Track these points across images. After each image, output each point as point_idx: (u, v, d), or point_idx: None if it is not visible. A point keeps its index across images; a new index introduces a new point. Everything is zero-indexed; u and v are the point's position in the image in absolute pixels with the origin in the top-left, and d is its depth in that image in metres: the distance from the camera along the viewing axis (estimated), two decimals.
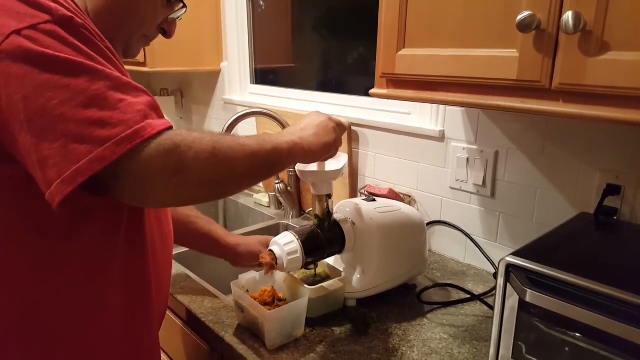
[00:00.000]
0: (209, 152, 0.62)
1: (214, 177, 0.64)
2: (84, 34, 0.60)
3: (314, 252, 0.93)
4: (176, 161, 0.59)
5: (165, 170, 0.59)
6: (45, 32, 0.56)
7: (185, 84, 2.28)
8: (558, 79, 0.69)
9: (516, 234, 1.16)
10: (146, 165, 0.57)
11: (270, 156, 0.71)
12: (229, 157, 0.65)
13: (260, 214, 1.72)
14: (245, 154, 0.67)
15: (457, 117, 1.22)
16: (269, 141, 0.72)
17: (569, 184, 1.05)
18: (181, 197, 0.64)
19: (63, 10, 0.58)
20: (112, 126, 0.56)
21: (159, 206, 0.80)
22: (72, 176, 0.55)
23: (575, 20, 0.64)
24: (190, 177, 0.61)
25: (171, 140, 0.59)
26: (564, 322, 0.67)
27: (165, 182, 0.60)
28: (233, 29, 1.94)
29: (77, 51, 0.58)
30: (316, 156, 0.81)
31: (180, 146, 0.59)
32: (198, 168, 0.61)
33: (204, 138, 0.63)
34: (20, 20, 0.56)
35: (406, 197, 1.35)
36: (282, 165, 0.76)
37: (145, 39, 0.81)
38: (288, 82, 1.88)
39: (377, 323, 0.98)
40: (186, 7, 0.81)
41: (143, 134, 0.57)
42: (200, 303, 1.05)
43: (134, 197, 0.61)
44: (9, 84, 0.55)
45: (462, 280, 1.17)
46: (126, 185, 0.58)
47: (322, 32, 1.78)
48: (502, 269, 0.73)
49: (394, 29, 0.90)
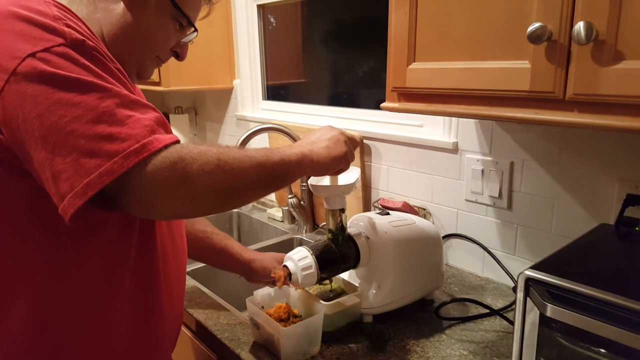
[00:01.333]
0: (214, 163, 0.63)
1: (219, 188, 0.65)
2: (95, 56, 0.62)
3: (329, 267, 0.93)
4: (181, 173, 0.61)
5: (171, 182, 0.60)
6: (59, 54, 0.59)
7: (198, 102, 2.31)
8: (572, 89, 0.68)
9: (535, 246, 1.14)
10: (152, 177, 0.59)
11: (277, 167, 0.72)
12: (234, 169, 0.66)
13: (274, 229, 1.72)
14: (252, 165, 0.68)
15: (471, 128, 1.22)
16: (277, 153, 0.73)
17: (588, 194, 1.03)
18: (187, 209, 0.65)
19: (75, 34, 0.61)
20: (120, 141, 0.58)
21: (167, 218, 0.80)
22: (83, 189, 0.57)
23: (587, 30, 0.63)
24: (195, 188, 0.62)
25: (177, 153, 0.61)
26: (586, 337, 0.65)
27: (171, 193, 0.61)
28: (244, 46, 1.96)
29: (88, 71, 0.60)
30: (326, 169, 0.81)
31: (185, 158, 0.61)
32: (203, 179, 0.62)
33: (210, 150, 0.64)
34: (35, 44, 0.59)
35: (421, 210, 1.34)
36: (290, 177, 0.76)
37: (158, 61, 0.83)
38: (299, 98, 1.90)
39: (394, 339, 0.96)
40: (197, 31, 0.83)
41: (150, 148, 0.59)
42: (216, 319, 1.05)
43: (141, 208, 0.63)
44: (25, 104, 0.58)
45: (480, 295, 1.15)
46: (134, 197, 0.60)
47: (332, 46, 1.80)
48: (522, 283, 0.71)
49: (403, 43, 0.90)
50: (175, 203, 0.62)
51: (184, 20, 0.79)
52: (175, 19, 0.78)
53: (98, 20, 0.73)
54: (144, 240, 0.76)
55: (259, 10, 1.92)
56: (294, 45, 1.97)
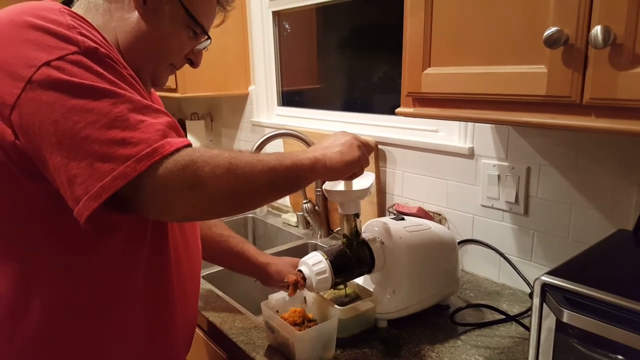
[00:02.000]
0: (225, 167, 0.65)
1: (230, 191, 0.66)
2: (108, 63, 0.64)
3: (343, 272, 0.93)
4: (192, 176, 0.62)
5: (182, 185, 0.62)
6: (73, 62, 0.61)
7: (214, 108, 2.34)
8: (589, 93, 0.68)
9: (552, 252, 1.13)
10: (164, 180, 0.61)
11: (289, 171, 0.73)
12: (245, 172, 0.67)
13: (289, 234, 1.73)
14: (263, 168, 0.69)
15: (487, 133, 1.21)
16: (289, 157, 0.74)
17: (605, 199, 1.02)
18: (199, 211, 0.67)
19: (89, 42, 0.63)
20: (132, 145, 0.60)
21: (179, 220, 0.82)
22: (97, 193, 0.59)
23: (605, 34, 0.63)
24: (207, 191, 0.63)
25: (188, 156, 0.62)
26: (603, 343, 0.64)
27: (183, 196, 0.62)
28: (260, 53, 1.98)
29: (101, 78, 0.62)
30: (339, 173, 0.82)
31: (196, 162, 0.62)
32: (214, 182, 0.64)
33: (221, 154, 0.65)
34: (50, 53, 0.60)
35: (436, 216, 1.33)
36: (303, 181, 0.77)
37: (172, 68, 0.84)
38: (314, 103, 1.91)
39: (409, 344, 0.96)
40: (211, 39, 0.84)
41: (161, 151, 0.61)
42: (231, 323, 1.05)
43: (154, 211, 0.65)
44: (41, 111, 0.59)
45: (496, 301, 1.14)
46: (147, 199, 0.62)
47: (347, 52, 1.80)
48: (538, 289, 0.70)
49: (418, 48, 0.91)
50: (187, 205, 0.64)
51: (198, 28, 0.80)
52: (189, 27, 0.79)
53: (113, 28, 0.75)
54: (156, 243, 0.77)
55: (274, 16, 1.94)
56: (308, 51, 1.98)
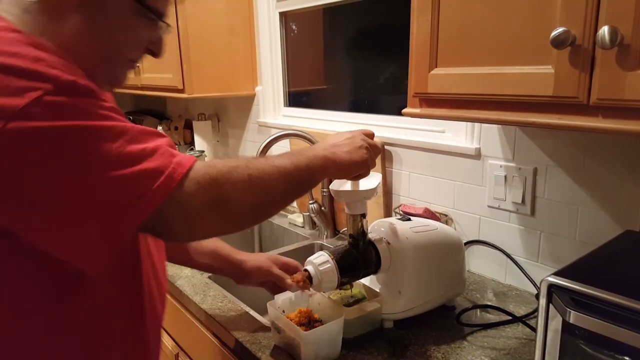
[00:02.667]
0: (246, 180, 0.64)
1: (254, 203, 0.66)
2: (90, 93, 0.58)
3: (349, 272, 0.93)
4: (216, 194, 0.62)
5: (208, 205, 0.61)
6: (49, 104, 0.53)
7: (221, 109, 2.35)
8: (596, 94, 0.68)
9: (558, 253, 1.12)
10: (188, 204, 0.60)
11: (304, 174, 0.73)
12: (265, 182, 0.67)
13: (295, 234, 1.73)
14: (280, 175, 0.69)
15: (493, 134, 1.21)
16: (302, 159, 0.74)
17: (613, 200, 1.01)
18: (226, 227, 0.67)
19: (65, 76, 0.56)
20: (145, 177, 0.57)
21: (202, 238, 0.83)
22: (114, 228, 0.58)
23: (612, 34, 0.63)
24: (232, 207, 0.63)
25: (207, 174, 0.61)
26: (610, 344, 0.64)
27: (210, 216, 0.62)
28: (267, 54, 1.99)
29: (87, 114, 0.56)
30: (346, 173, 0.83)
31: (217, 179, 0.62)
32: (238, 197, 0.63)
33: (238, 167, 0.65)
34: (21, 97, 0.52)
35: (442, 216, 1.33)
36: (315, 182, 0.79)
37: (131, 63, 0.74)
38: (321, 104, 1.91)
39: (415, 345, 0.96)
40: (169, 26, 0.75)
41: (176, 177, 0.59)
42: (237, 323, 1.06)
43: (183, 235, 0.65)
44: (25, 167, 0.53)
45: (502, 302, 1.14)
46: (174, 227, 0.61)
47: (353, 53, 1.81)
48: (544, 290, 0.70)
49: (425, 48, 0.91)
50: (214, 224, 0.64)
51: (151, 14, 0.69)
52: (141, 14, 0.69)
53: (53, 33, 0.63)
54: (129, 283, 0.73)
55: (281, 17, 1.95)
56: (315, 51, 1.99)
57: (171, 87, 1.97)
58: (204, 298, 1.18)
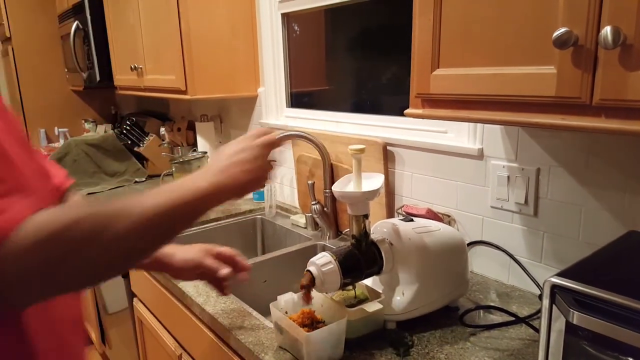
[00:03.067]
0: (95, 235, 0.55)
1: (105, 262, 0.58)
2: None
3: (352, 273, 0.93)
4: (49, 255, 0.53)
5: (49, 263, 0.53)
6: None
7: (224, 110, 2.35)
8: (599, 94, 0.68)
9: (562, 253, 1.12)
10: (24, 267, 0.52)
11: (184, 212, 0.65)
12: (121, 234, 0.57)
13: (297, 235, 1.73)
14: (149, 222, 0.60)
15: (496, 134, 1.21)
16: (184, 194, 0.64)
17: (616, 201, 1.01)
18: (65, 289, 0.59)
19: None
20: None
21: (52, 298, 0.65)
22: None
23: (614, 35, 0.63)
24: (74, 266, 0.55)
25: (43, 230, 0.53)
26: (613, 345, 0.64)
27: (53, 274, 0.54)
28: (269, 55, 1.99)
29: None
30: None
31: (55, 235, 0.53)
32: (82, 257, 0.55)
33: (84, 218, 0.56)
34: None
35: (445, 217, 1.33)
36: (200, 216, 0.69)
37: None
38: (323, 105, 1.91)
39: (418, 346, 0.96)
40: None
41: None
42: (240, 324, 1.06)
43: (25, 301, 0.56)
44: None
45: (506, 302, 1.13)
46: (10, 295, 0.53)
47: (356, 53, 1.81)
48: (547, 290, 0.70)
49: (427, 49, 0.91)
50: (55, 285, 0.55)
51: None
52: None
53: None
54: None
55: (284, 18, 1.95)
56: (317, 52, 1.99)
57: (174, 88, 1.97)
58: (207, 299, 1.18)
